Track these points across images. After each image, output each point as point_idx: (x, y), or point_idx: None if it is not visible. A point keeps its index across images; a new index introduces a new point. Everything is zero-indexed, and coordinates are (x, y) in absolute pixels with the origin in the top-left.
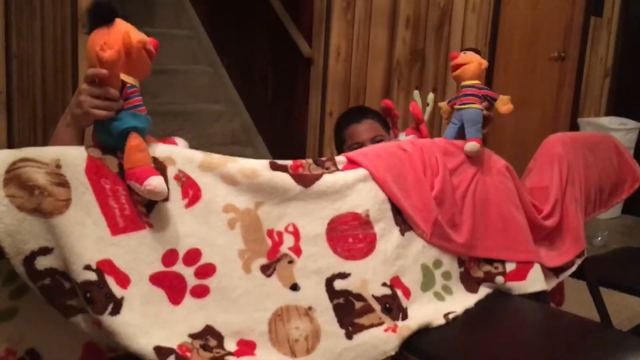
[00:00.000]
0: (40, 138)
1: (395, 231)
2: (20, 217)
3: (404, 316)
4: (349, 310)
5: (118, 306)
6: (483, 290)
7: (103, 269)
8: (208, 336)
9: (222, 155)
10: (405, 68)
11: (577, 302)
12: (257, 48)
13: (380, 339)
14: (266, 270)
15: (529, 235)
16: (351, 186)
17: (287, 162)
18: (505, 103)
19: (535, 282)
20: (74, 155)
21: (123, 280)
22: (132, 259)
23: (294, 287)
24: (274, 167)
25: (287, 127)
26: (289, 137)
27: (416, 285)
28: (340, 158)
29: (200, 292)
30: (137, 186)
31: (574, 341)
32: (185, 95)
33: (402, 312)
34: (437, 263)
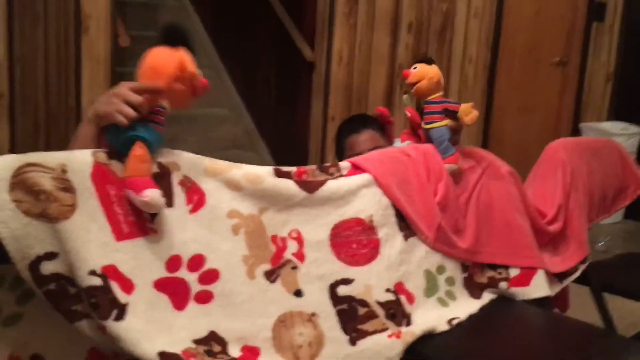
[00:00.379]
0: (42, 142)
1: (398, 237)
2: (26, 222)
3: (408, 322)
4: (353, 316)
5: (122, 312)
6: (487, 295)
7: (107, 275)
8: (212, 342)
9: (226, 161)
10: None
11: (581, 308)
12: (260, 53)
13: (384, 345)
14: (270, 276)
15: (533, 240)
16: (355, 192)
17: (292, 169)
18: (467, 112)
19: (539, 288)
20: (80, 160)
21: (127, 285)
22: (137, 265)
23: (298, 293)
24: (278, 174)
25: (290, 131)
26: (291, 141)
27: (420, 290)
28: (344, 164)
29: (204, 298)
30: (134, 196)
31: (578, 347)
32: None
33: (406, 318)
34: (441, 269)
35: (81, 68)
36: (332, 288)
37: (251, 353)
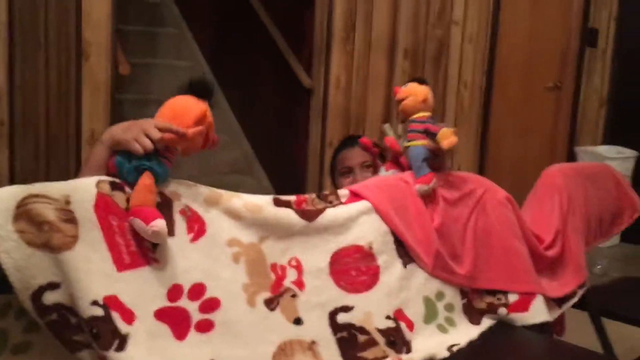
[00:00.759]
0: (42, 168)
1: (398, 263)
2: (29, 252)
3: (408, 349)
4: (353, 344)
5: (123, 342)
6: (486, 321)
7: (109, 305)
8: None
9: (225, 185)
10: None
11: (579, 332)
12: (258, 79)
13: None
14: (270, 304)
15: (531, 265)
16: (354, 219)
17: (291, 198)
18: (446, 137)
19: (538, 313)
20: (84, 190)
21: (128, 316)
22: (138, 295)
23: (297, 321)
24: (278, 204)
25: (288, 157)
26: (290, 167)
27: (419, 317)
28: (343, 191)
29: (205, 327)
30: (142, 225)
31: None
32: None
33: (406, 345)
34: (440, 295)
35: (82, 95)
36: (332, 316)
37: None
